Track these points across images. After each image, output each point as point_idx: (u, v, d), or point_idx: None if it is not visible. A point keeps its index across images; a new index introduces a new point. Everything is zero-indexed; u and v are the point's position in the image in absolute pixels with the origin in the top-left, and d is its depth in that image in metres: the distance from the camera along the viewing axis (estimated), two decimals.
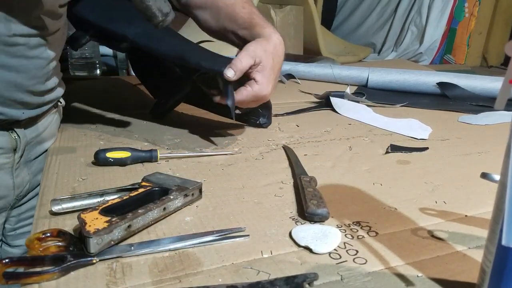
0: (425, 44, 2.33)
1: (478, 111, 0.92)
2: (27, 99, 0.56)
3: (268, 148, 0.67)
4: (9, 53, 0.51)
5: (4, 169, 0.58)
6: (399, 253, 0.39)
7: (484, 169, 0.48)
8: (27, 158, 0.62)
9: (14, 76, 0.53)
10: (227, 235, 0.41)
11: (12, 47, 0.51)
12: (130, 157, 0.57)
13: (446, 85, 1.05)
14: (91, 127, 0.74)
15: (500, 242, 0.27)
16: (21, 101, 0.56)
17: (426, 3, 2.37)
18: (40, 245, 0.37)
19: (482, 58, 2.43)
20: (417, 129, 0.79)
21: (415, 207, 0.48)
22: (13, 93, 0.54)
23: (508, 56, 0.26)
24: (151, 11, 0.49)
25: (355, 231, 0.43)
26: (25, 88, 0.55)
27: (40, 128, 0.63)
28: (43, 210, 0.45)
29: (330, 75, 1.20)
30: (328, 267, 0.36)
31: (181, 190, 0.46)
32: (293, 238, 0.41)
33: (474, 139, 0.74)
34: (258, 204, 0.48)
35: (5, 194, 0.59)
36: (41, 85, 0.58)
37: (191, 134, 0.72)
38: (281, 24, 1.75)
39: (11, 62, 0.52)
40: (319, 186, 0.51)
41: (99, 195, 0.46)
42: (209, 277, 0.35)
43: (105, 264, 0.36)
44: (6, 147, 0.57)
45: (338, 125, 0.81)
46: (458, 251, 0.40)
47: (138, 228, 0.41)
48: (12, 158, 0.58)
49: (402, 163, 0.62)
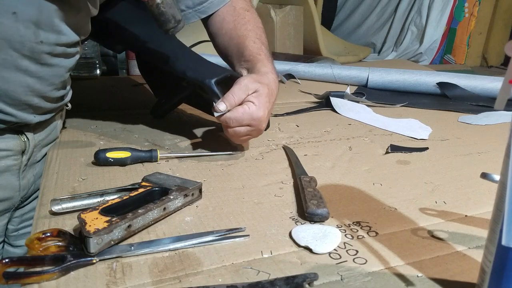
0: (425, 44, 2.33)
1: (478, 111, 0.92)
2: (41, 104, 0.57)
3: (268, 148, 0.67)
4: (33, 60, 0.52)
5: (11, 171, 0.58)
6: (399, 253, 0.39)
7: (484, 169, 0.48)
8: (33, 160, 0.62)
9: (33, 82, 0.54)
10: (227, 235, 0.41)
11: (38, 54, 0.52)
12: (130, 157, 0.57)
13: (446, 85, 1.05)
14: (91, 127, 0.74)
15: (500, 242, 0.27)
16: (35, 106, 0.57)
17: (426, 3, 2.37)
18: (40, 245, 0.37)
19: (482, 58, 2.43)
20: (417, 129, 0.79)
21: (415, 207, 0.48)
22: (29, 98, 0.55)
23: (508, 56, 0.26)
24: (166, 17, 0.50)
25: (355, 231, 0.43)
26: (41, 94, 0.56)
27: (47, 132, 0.64)
28: (43, 210, 0.45)
29: (330, 75, 1.20)
30: (328, 267, 0.36)
31: (181, 190, 0.46)
32: (293, 238, 0.41)
33: (474, 139, 0.74)
34: (258, 204, 0.48)
35: (11, 195, 0.59)
36: (56, 92, 0.59)
37: (191, 134, 0.72)
38: (281, 24, 1.75)
39: (33, 68, 0.53)
40: (319, 186, 0.51)
41: (99, 195, 0.46)
42: (209, 277, 0.35)
43: (105, 264, 0.36)
44: (15, 149, 0.58)
45: (338, 125, 0.81)
46: (458, 251, 0.40)
47: (138, 228, 0.41)
48: (20, 160, 0.59)
49: (402, 163, 0.62)
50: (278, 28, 1.77)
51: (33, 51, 0.51)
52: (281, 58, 1.50)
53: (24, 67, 0.52)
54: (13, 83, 0.52)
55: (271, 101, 0.60)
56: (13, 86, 0.52)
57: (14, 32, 0.48)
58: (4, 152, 0.57)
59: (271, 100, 0.60)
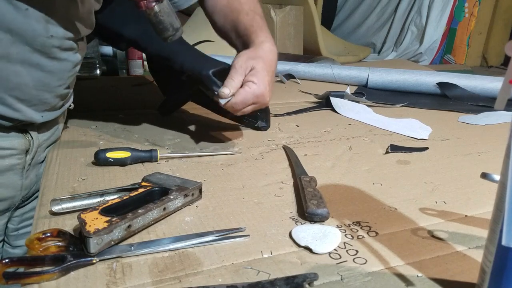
0: (425, 44, 2.34)
1: (478, 111, 0.92)
2: (50, 100, 0.58)
3: (268, 148, 0.67)
4: (44, 54, 0.53)
5: (15, 170, 0.58)
6: (399, 253, 0.39)
7: (484, 169, 0.48)
8: (37, 160, 0.62)
9: (44, 76, 0.55)
10: (227, 235, 0.41)
11: (48, 48, 0.53)
12: (130, 157, 0.57)
13: (446, 85, 1.05)
14: (91, 127, 0.74)
15: (500, 242, 0.27)
16: (45, 102, 0.58)
17: (426, 3, 2.37)
18: (40, 245, 0.37)
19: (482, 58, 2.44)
20: (417, 129, 0.79)
21: (415, 207, 0.48)
22: (40, 93, 0.56)
23: (508, 56, 0.26)
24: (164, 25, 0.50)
25: (355, 231, 0.43)
26: (51, 89, 0.57)
27: (51, 132, 0.65)
28: (43, 210, 0.45)
29: (330, 75, 1.20)
30: (328, 267, 0.36)
31: (181, 190, 0.46)
32: (293, 238, 0.41)
33: (474, 139, 0.74)
34: (258, 204, 0.48)
35: (13, 195, 0.60)
36: (64, 87, 0.60)
37: (191, 134, 0.72)
38: (281, 24, 1.76)
39: (44, 62, 0.54)
40: (319, 186, 0.51)
41: (99, 195, 0.46)
42: (209, 277, 0.35)
43: (105, 264, 0.36)
44: (19, 148, 0.58)
45: (338, 125, 0.81)
46: (458, 251, 0.40)
47: (138, 228, 0.41)
48: (23, 160, 0.59)
49: (402, 163, 0.62)
50: (278, 28, 1.77)
51: (44, 46, 0.52)
52: (281, 58, 1.49)
53: (35, 62, 0.53)
54: (26, 77, 0.53)
55: (271, 71, 0.61)
56: (25, 80, 0.53)
57: (27, 27, 0.50)
58: (9, 151, 0.57)
59: (270, 70, 0.61)
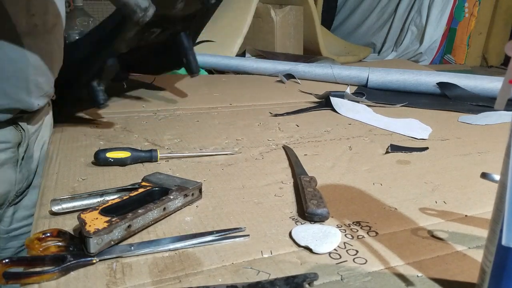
0: (425, 44, 2.34)
1: (478, 111, 0.92)
2: (44, 85, 0.60)
3: (268, 148, 0.67)
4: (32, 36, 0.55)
5: (9, 163, 0.59)
6: (399, 253, 0.39)
7: (484, 169, 0.48)
8: (28, 154, 0.62)
9: (37, 59, 0.57)
10: (227, 235, 0.41)
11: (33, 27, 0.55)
12: (130, 157, 0.57)
13: (446, 85, 1.05)
14: (91, 127, 0.74)
15: (500, 242, 0.27)
16: (40, 87, 0.59)
17: (426, 3, 2.37)
18: (40, 245, 0.37)
19: (482, 58, 2.44)
20: (417, 129, 0.79)
21: (415, 207, 0.48)
22: (36, 77, 0.58)
23: (508, 56, 0.26)
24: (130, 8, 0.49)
25: (355, 231, 0.43)
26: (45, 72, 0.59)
27: (39, 122, 0.65)
28: (43, 210, 0.45)
29: (330, 75, 1.20)
30: (328, 267, 0.36)
31: (181, 190, 0.46)
32: (293, 238, 0.41)
33: (474, 139, 0.74)
34: (258, 204, 0.48)
35: (8, 190, 0.60)
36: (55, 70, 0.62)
37: (191, 134, 0.72)
38: (281, 24, 1.76)
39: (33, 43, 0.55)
40: (319, 186, 0.51)
41: (99, 195, 0.46)
42: (209, 277, 0.35)
43: (105, 264, 0.36)
44: (12, 141, 0.58)
45: (338, 125, 0.81)
46: (458, 251, 0.40)
47: (138, 228, 0.41)
48: (16, 153, 0.59)
49: (402, 163, 0.62)
50: (278, 28, 1.77)
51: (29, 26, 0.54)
52: (281, 58, 1.50)
53: (27, 45, 0.54)
54: (21, 62, 0.54)
55: None
56: (21, 65, 0.54)
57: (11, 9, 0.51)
58: (3, 145, 0.57)
59: None
